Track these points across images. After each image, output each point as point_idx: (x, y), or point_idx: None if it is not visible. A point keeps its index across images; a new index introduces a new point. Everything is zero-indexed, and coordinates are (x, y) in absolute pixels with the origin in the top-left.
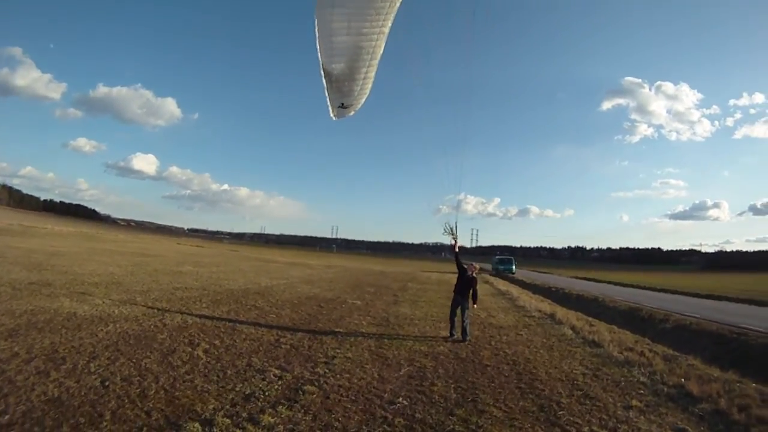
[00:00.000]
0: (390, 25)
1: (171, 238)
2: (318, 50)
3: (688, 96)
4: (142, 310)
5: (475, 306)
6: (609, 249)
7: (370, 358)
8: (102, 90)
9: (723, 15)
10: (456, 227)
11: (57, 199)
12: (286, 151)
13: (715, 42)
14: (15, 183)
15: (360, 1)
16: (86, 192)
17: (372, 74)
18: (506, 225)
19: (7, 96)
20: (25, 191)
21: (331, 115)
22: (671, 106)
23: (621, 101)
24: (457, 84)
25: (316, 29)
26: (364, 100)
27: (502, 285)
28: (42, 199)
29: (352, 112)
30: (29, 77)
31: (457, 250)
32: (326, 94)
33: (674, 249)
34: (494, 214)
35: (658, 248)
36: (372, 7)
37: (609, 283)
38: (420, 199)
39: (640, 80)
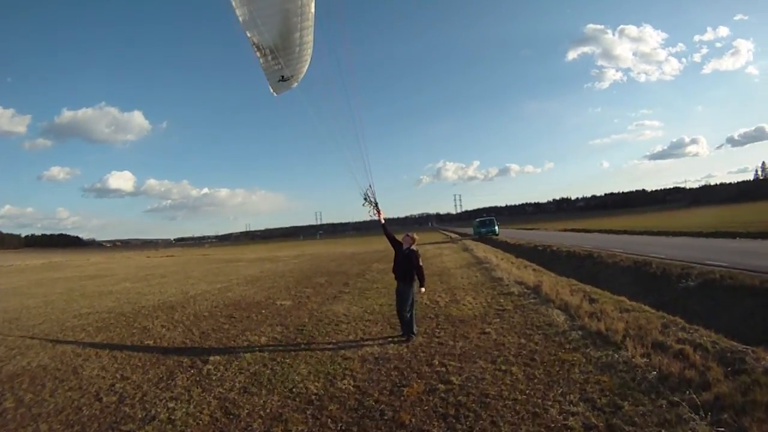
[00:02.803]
0: None
1: (147, 252)
2: (240, 24)
3: (652, 37)
4: (4, 351)
5: (423, 291)
6: (594, 197)
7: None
8: (67, 115)
9: None
10: (374, 194)
11: (39, 233)
12: (260, 144)
13: None
14: None
15: None
16: (68, 220)
17: (309, 38)
18: (488, 186)
19: None
20: (6, 231)
21: (272, 91)
22: (636, 48)
23: (585, 49)
24: (408, 55)
25: (232, 2)
26: (305, 68)
27: (481, 251)
28: (23, 235)
29: (295, 84)
30: None
31: (383, 221)
32: (263, 70)
33: (658, 189)
34: (475, 177)
35: (643, 190)
36: None
37: (600, 231)
38: (399, 172)
39: (602, 26)
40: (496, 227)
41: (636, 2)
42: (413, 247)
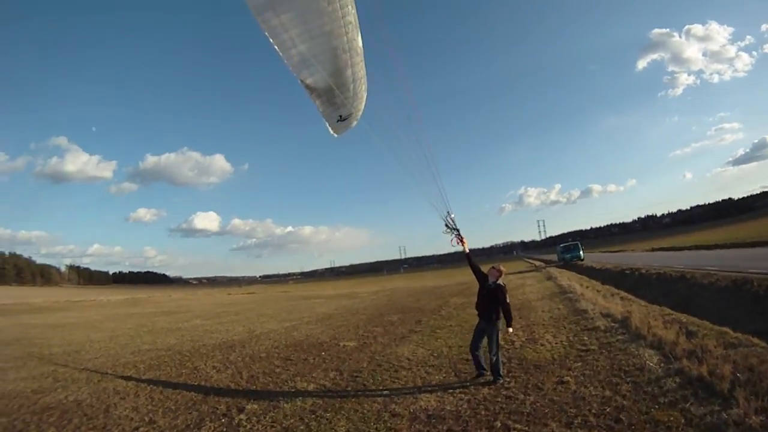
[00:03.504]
0: (353, 11)
1: (230, 289)
2: (288, 67)
3: (719, 33)
4: (50, 383)
5: (510, 330)
6: (679, 211)
7: None
8: (151, 160)
9: None
10: (454, 221)
11: (126, 270)
12: (341, 181)
13: None
14: (85, 262)
15: None
16: (155, 258)
17: (361, 72)
18: (572, 209)
19: (61, 183)
20: (95, 268)
21: (332, 132)
22: (705, 47)
23: (654, 56)
24: (478, 85)
25: (272, 44)
26: (363, 105)
27: (565, 279)
28: (111, 272)
29: (355, 122)
30: (78, 162)
31: (467, 250)
32: (320, 112)
33: (746, 196)
34: (558, 201)
35: (729, 198)
36: None
37: (690, 248)
38: (481, 201)
39: (667, 29)
40: (581, 252)
41: None
42: (500, 281)
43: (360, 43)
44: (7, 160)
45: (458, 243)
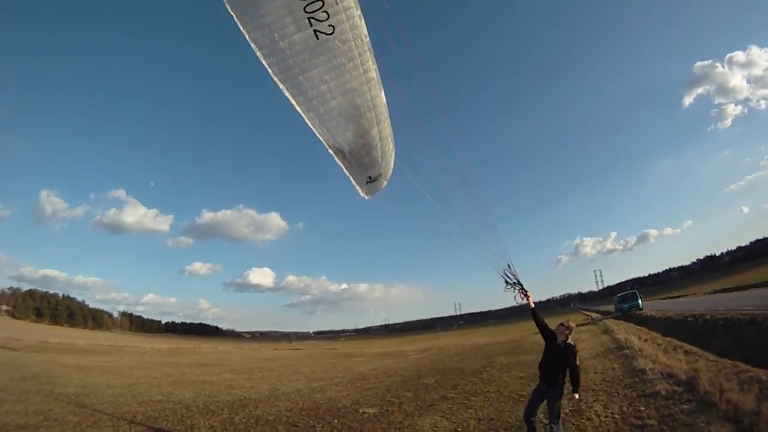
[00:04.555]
0: (374, 67)
1: (278, 344)
2: (312, 129)
3: (760, 57)
4: (38, 420)
5: (577, 396)
6: (739, 248)
7: None
8: (207, 216)
9: None
10: (516, 274)
11: (179, 321)
12: (396, 240)
13: None
14: (139, 310)
15: (323, 54)
16: (209, 311)
17: (388, 130)
18: (629, 257)
19: (120, 234)
20: (148, 316)
21: (362, 195)
22: (749, 74)
23: (700, 90)
24: (526, 138)
25: (295, 106)
26: (392, 163)
27: (622, 332)
28: (164, 322)
29: (385, 183)
30: (136, 214)
31: (532, 304)
32: (347, 175)
33: None
34: (614, 249)
35: None
36: (340, 55)
37: (756, 286)
38: (536, 255)
39: (709, 61)
40: (640, 300)
41: (734, 24)
42: (570, 339)
43: (384, 100)
44: (67, 208)
45: (522, 297)
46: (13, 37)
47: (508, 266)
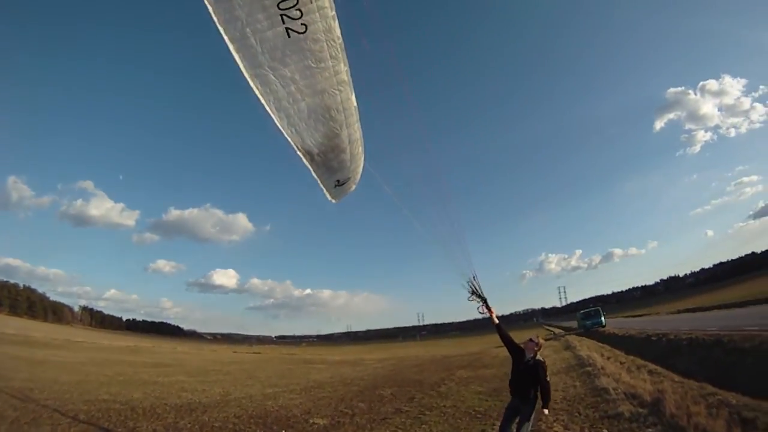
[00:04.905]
0: (345, 68)
1: (237, 347)
2: (281, 129)
3: (732, 86)
4: None
5: (546, 412)
6: (702, 270)
7: None
8: (174, 213)
9: None
10: (479, 286)
11: (141, 318)
12: (362, 247)
13: (736, 21)
14: (100, 305)
15: (294, 53)
16: (171, 310)
17: (358, 134)
18: (593, 275)
19: (85, 226)
20: (109, 312)
21: (330, 198)
22: (720, 102)
23: (671, 116)
24: (496, 152)
25: (265, 105)
26: (361, 167)
27: (585, 348)
28: (125, 319)
29: (353, 186)
30: (103, 207)
31: (496, 320)
32: (315, 177)
33: None
34: (579, 267)
35: (752, 253)
36: (311, 54)
37: (719, 308)
38: (502, 269)
39: (682, 87)
40: (603, 318)
41: (709, 53)
42: (539, 355)
43: (355, 103)
44: (33, 196)
45: (484, 311)
46: None
47: (473, 278)
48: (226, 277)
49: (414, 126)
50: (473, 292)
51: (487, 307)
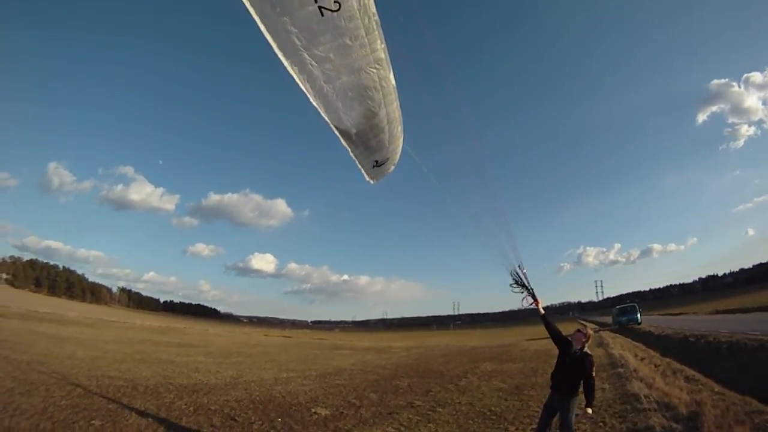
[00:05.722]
0: (382, 46)
1: (270, 330)
2: (318, 110)
3: None
4: None
5: (590, 411)
6: (742, 270)
7: None
8: (213, 198)
9: None
10: (526, 276)
11: (178, 300)
12: (400, 235)
13: None
14: (139, 287)
15: (328, 31)
16: (208, 293)
17: (397, 113)
18: (631, 270)
19: (125, 210)
20: (147, 294)
21: (368, 179)
22: (765, 96)
23: (714, 108)
24: (536, 141)
25: (300, 85)
26: (400, 148)
27: (618, 347)
28: (162, 300)
29: (392, 167)
30: (143, 192)
31: (542, 311)
32: (353, 158)
33: None
34: (617, 261)
35: None
36: (347, 32)
37: (759, 310)
38: (539, 261)
39: (726, 80)
40: (638, 315)
41: (753, 44)
42: (586, 348)
43: (393, 82)
44: (75, 181)
45: (530, 302)
46: (28, 5)
47: (519, 266)
48: (264, 262)
49: (458, 113)
50: (518, 282)
51: (534, 298)
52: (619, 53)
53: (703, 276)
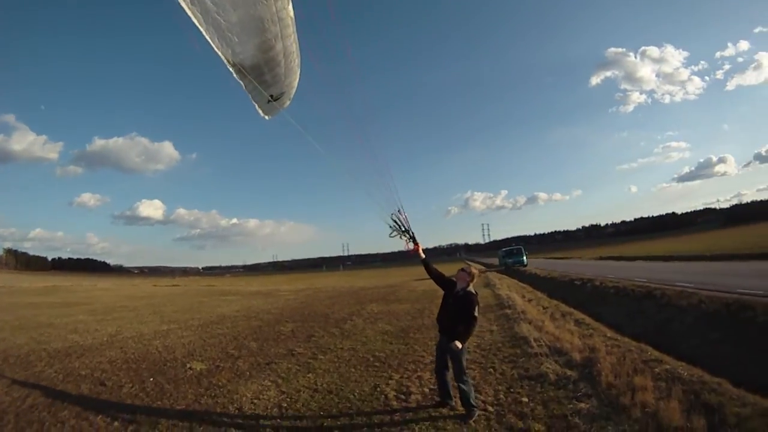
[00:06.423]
0: None
1: (159, 280)
2: (210, 43)
3: (674, 56)
4: None
5: (459, 345)
6: (623, 222)
7: None
8: (98, 143)
9: None
10: (407, 221)
11: (67, 257)
12: (288, 176)
13: None
14: (26, 246)
15: None
16: (97, 245)
17: (293, 47)
18: (517, 215)
19: (7, 162)
20: (35, 253)
21: (262, 115)
22: (659, 69)
23: (608, 73)
24: (432, 87)
25: (191, 17)
26: (296, 81)
27: (505, 288)
28: (50, 258)
29: (288, 102)
30: (25, 141)
31: (423, 255)
32: (247, 93)
33: (689, 211)
34: (503, 207)
35: (673, 213)
36: None
37: (641, 258)
38: (428, 202)
39: (623, 49)
40: (524, 257)
41: (656, 22)
42: (471, 287)
43: (292, 13)
44: None
45: (411, 247)
46: None
47: (398, 211)
48: (152, 208)
49: (341, 53)
50: (397, 228)
51: (415, 242)
52: (522, 5)
53: (587, 225)
